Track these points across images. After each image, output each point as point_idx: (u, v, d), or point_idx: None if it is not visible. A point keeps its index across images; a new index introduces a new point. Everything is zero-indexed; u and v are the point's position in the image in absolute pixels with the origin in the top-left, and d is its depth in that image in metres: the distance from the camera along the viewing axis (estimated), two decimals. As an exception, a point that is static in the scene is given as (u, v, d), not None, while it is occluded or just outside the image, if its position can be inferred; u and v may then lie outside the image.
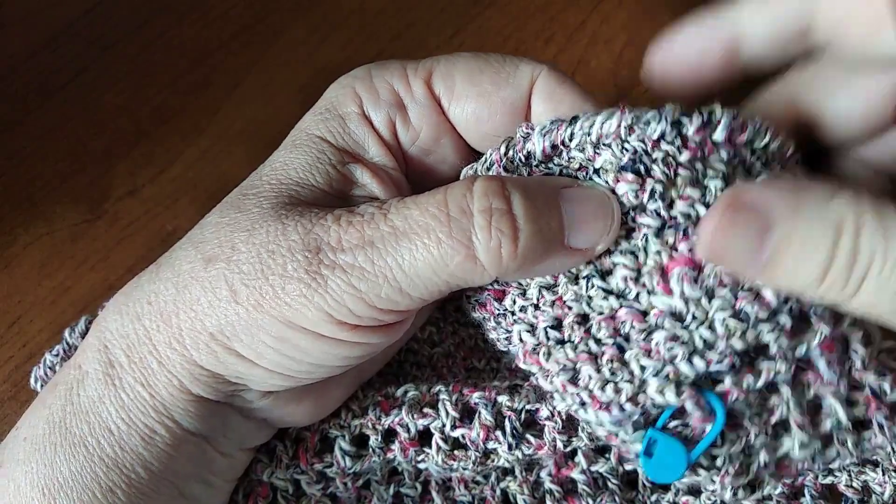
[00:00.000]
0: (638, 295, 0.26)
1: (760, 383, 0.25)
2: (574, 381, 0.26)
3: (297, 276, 0.25)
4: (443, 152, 0.30)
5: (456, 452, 0.32)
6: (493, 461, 0.32)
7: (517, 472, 0.34)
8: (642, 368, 0.25)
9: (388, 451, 0.33)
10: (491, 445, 0.31)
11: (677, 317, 0.25)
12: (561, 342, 0.27)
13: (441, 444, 0.31)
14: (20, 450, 0.28)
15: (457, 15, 0.41)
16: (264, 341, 0.27)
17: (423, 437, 0.32)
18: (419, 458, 0.32)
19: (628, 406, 0.25)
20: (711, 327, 0.25)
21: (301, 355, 0.27)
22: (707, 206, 0.25)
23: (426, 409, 0.32)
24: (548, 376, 0.27)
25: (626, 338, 0.26)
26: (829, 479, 0.33)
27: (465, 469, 0.32)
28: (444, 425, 0.31)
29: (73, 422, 0.28)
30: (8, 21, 0.41)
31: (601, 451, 0.34)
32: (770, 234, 0.22)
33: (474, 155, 0.31)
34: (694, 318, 0.25)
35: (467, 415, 0.32)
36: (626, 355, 0.26)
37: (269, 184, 0.28)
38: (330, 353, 0.27)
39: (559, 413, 0.31)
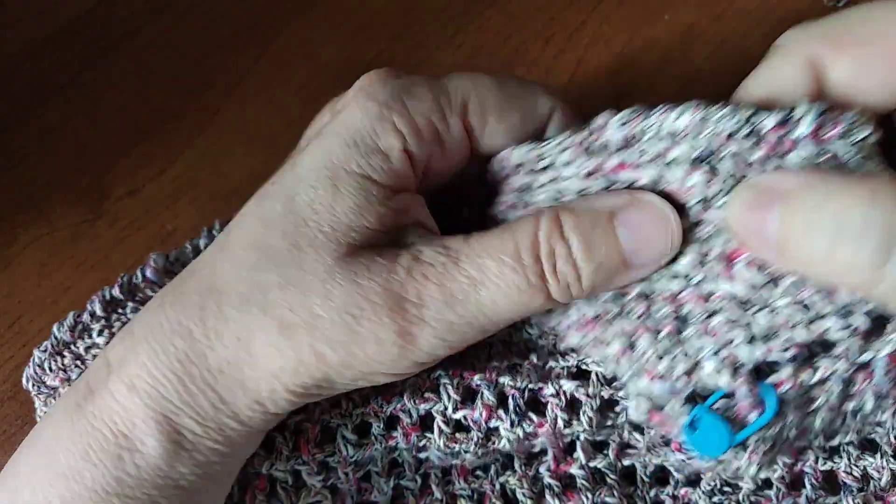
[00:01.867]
0: (702, 280, 0.26)
1: (815, 379, 0.25)
2: (631, 349, 0.27)
3: (389, 339, 0.26)
4: (456, 167, 0.31)
5: (457, 435, 0.32)
6: (493, 443, 0.32)
7: (517, 466, 0.34)
8: (699, 349, 0.26)
9: (389, 438, 0.33)
10: (493, 424, 0.32)
11: (740, 302, 0.25)
12: (620, 314, 0.28)
13: (443, 426, 0.32)
14: None
15: (457, 15, 0.41)
16: (345, 385, 0.28)
17: (425, 423, 0.32)
18: (421, 444, 0.33)
19: (681, 381, 0.26)
20: (774, 315, 0.25)
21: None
22: None
23: (427, 394, 0.32)
24: (602, 344, 0.28)
25: (686, 318, 0.26)
26: (828, 466, 0.33)
27: (466, 451, 0.32)
28: (445, 408, 0.32)
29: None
30: (8, 20, 0.41)
31: (599, 446, 0.34)
32: (776, 216, 0.22)
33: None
34: (757, 304, 0.25)
35: (469, 397, 0.32)
36: (685, 334, 0.26)
37: (322, 232, 0.27)
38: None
39: (563, 392, 0.31)
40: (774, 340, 0.25)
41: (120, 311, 0.33)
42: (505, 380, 0.32)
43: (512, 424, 0.32)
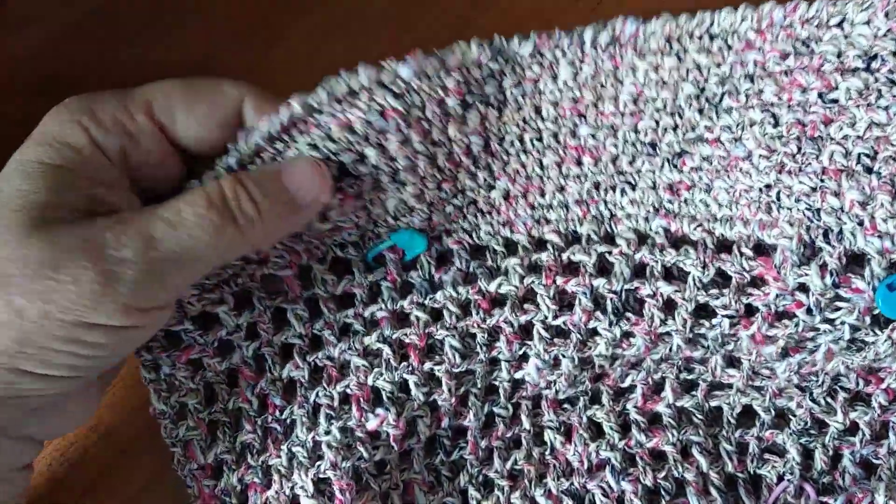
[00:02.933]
0: None
1: None
2: (864, 204, 0.28)
3: (88, 279, 0.27)
4: (169, 165, 0.33)
5: (556, 340, 0.34)
6: (591, 348, 0.34)
7: (604, 400, 0.35)
8: None
9: (492, 348, 0.34)
10: (592, 325, 0.33)
11: None
12: (869, 171, 0.28)
13: (542, 332, 0.34)
14: None
15: (456, 18, 0.42)
16: (53, 348, 0.28)
17: (527, 332, 0.34)
18: (521, 352, 0.34)
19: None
20: None
21: (93, 351, 0.29)
22: None
23: (526, 306, 0.34)
24: (839, 192, 0.28)
25: None
26: None
27: (564, 356, 0.33)
28: (545, 317, 0.34)
29: None
30: (11, 21, 0.41)
31: (688, 387, 0.35)
32: None
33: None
34: None
35: (567, 305, 0.34)
36: None
37: (16, 212, 0.28)
38: (124, 341, 0.30)
39: (660, 293, 0.32)
40: None
41: None
42: (600, 283, 0.33)
43: (610, 324, 0.33)
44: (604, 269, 0.34)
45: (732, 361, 0.35)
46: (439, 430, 0.35)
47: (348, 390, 0.35)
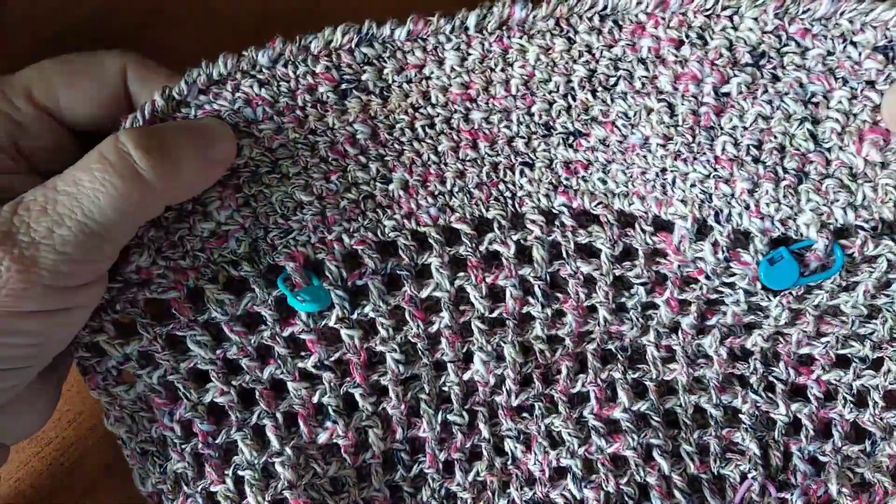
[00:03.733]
0: (832, 147, 0.30)
1: (874, 252, 0.30)
2: (752, 192, 0.30)
3: (5, 268, 0.27)
4: (66, 147, 0.33)
5: (495, 330, 0.34)
6: (528, 331, 0.34)
7: (561, 408, 0.35)
8: (808, 201, 0.30)
9: (434, 351, 0.34)
10: (525, 310, 0.34)
11: (852, 172, 0.30)
12: (756, 161, 0.30)
13: (481, 326, 0.34)
14: None
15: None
16: None
17: (464, 333, 0.35)
18: (465, 351, 0.34)
19: (778, 225, 0.31)
20: (875, 190, 0.30)
21: (31, 339, 0.29)
22: None
23: (462, 307, 0.34)
24: (730, 180, 0.31)
25: (807, 174, 0.30)
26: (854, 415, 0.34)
27: (504, 342, 0.34)
28: (482, 313, 0.34)
29: None
30: (10, 22, 0.41)
31: (640, 394, 0.35)
32: None
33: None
34: (866, 176, 0.30)
35: (498, 297, 0.34)
36: (801, 187, 0.30)
37: None
38: (61, 325, 0.30)
39: (580, 271, 0.33)
40: (866, 211, 0.30)
41: None
42: (525, 272, 0.33)
43: (542, 307, 0.34)
44: (522, 252, 0.34)
45: (670, 356, 0.36)
46: (395, 443, 0.35)
47: (291, 409, 0.34)
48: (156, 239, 0.32)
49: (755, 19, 0.29)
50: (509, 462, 0.36)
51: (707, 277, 0.32)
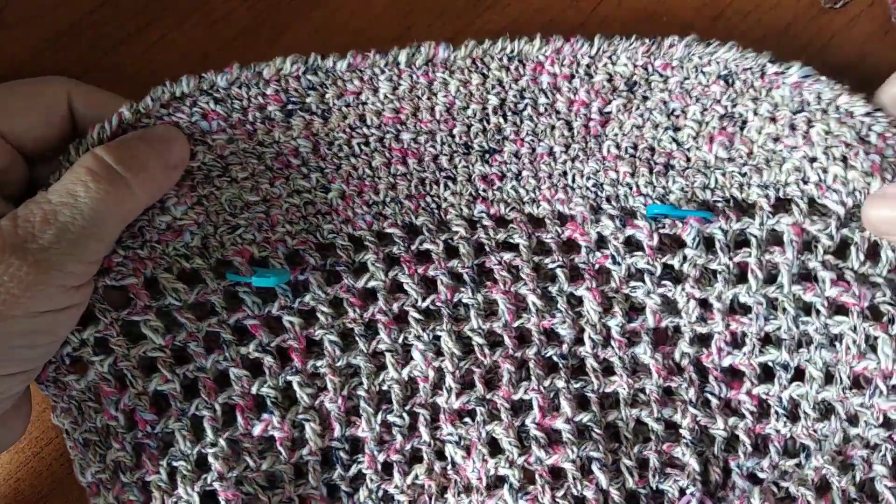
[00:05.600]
0: (690, 147, 0.37)
1: (738, 226, 0.36)
2: (632, 175, 0.37)
3: (24, 272, 0.30)
4: (14, 169, 0.34)
5: (430, 321, 0.37)
6: (464, 322, 0.37)
7: (503, 415, 0.36)
8: (675, 183, 0.37)
9: (372, 339, 0.37)
10: (457, 297, 0.37)
11: (707, 164, 0.37)
12: (633, 156, 0.37)
13: (416, 315, 0.37)
14: None
15: (456, 17, 0.42)
16: (13, 345, 0.31)
17: (400, 319, 0.37)
18: (401, 340, 0.37)
19: (656, 201, 0.37)
20: (724, 175, 0.37)
21: (45, 339, 0.32)
22: None
23: (397, 294, 0.37)
24: (615, 169, 0.37)
25: (672, 167, 0.37)
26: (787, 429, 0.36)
27: (442, 330, 0.36)
28: (416, 301, 0.37)
29: None
30: (11, 22, 0.42)
31: (582, 405, 0.36)
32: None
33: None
34: (717, 167, 0.37)
35: (431, 288, 0.37)
36: (669, 174, 0.37)
37: None
38: (67, 322, 0.33)
39: (506, 261, 0.37)
40: (719, 191, 0.37)
41: None
42: (454, 263, 0.37)
43: (472, 292, 0.37)
44: (450, 252, 0.37)
45: (609, 369, 0.37)
46: (334, 441, 0.36)
47: (231, 400, 0.35)
48: None
49: (629, 58, 0.35)
50: (449, 467, 0.36)
51: (614, 261, 0.37)
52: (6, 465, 0.38)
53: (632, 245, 0.37)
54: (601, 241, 0.37)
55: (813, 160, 0.35)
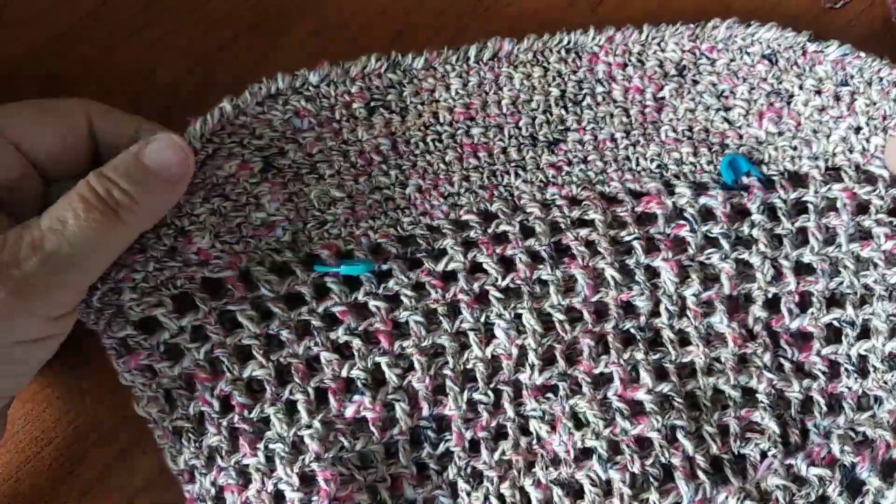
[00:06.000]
0: (742, 125, 0.40)
1: (795, 196, 0.39)
2: (694, 153, 0.40)
3: (2, 300, 0.29)
4: (29, 185, 0.35)
5: (511, 299, 0.38)
6: (545, 299, 0.38)
7: (585, 389, 0.37)
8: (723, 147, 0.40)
9: (454, 319, 0.37)
10: (536, 275, 0.38)
11: (758, 140, 0.40)
12: (690, 139, 0.40)
13: (497, 294, 0.38)
14: None
15: (457, 17, 0.42)
16: None
17: (481, 299, 0.38)
18: (482, 318, 0.37)
19: (716, 175, 0.40)
20: (776, 150, 0.39)
21: (22, 368, 0.32)
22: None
23: (477, 275, 0.38)
24: (678, 150, 0.40)
25: (727, 146, 0.40)
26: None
27: (523, 308, 0.37)
28: (496, 280, 0.38)
29: None
30: (10, 21, 0.41)
31: (662, 376, 0.37)
32: None
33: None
34: (768, 142, 0.39)
35: (510, 268, 0.38)
36: (726, 152, 0.40)
37: None
38: (44, 352, 0.32)
39: (582, 236, 0.38)
40: (774, 165, 0.40)
41: None
42: (531, 242, 0.38)
43: (551, 268, 0.38)
44: (526, 233, 0.39)
45: (685, 340, 0.38)
46: (422, 420, 0.36)
47: (322, 384, 0.36)
48: (215, 224, 0.36)
49: (676, 44, 0.39)
50: (534, 442, 0.36)
51: (691, 229, 0.39)
52: (6, 465, 0.37)
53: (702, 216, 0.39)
54: (674, 212, 0.39)
55: (858, 129, 0.38)
